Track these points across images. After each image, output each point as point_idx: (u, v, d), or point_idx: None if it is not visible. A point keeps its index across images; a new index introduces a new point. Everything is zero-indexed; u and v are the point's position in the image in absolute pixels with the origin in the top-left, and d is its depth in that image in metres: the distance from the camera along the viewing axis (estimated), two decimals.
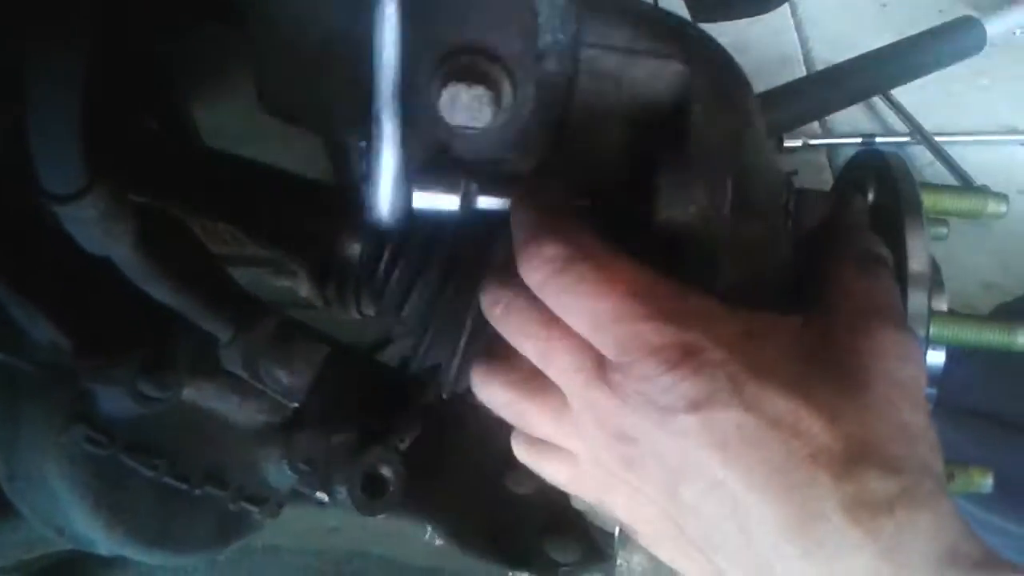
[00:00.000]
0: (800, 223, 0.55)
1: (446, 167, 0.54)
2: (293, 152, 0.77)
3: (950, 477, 0.55)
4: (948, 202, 0.58)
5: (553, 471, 0.55)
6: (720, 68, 0.53)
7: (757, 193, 0.52)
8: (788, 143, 1.80)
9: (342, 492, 0.56)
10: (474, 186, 0.54)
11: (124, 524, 0.51)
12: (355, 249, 0.64)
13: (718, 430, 0.44)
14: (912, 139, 1.87)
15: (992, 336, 0.54)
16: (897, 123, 1.91)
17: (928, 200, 0.56)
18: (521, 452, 0.57)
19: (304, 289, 0.68)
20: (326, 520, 0.71)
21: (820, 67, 1.95)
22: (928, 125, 1.86)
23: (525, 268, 0.50)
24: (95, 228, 0.41)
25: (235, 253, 0.66)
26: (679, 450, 0.45)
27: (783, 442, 0.43)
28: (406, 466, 0.60)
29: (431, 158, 0.53)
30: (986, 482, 0.56)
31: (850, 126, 1.89)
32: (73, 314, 0.48)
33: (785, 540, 0.43)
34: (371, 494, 0.57)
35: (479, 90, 0.47)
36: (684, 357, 0.45)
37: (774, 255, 0.53)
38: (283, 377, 0.51)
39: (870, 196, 0.57)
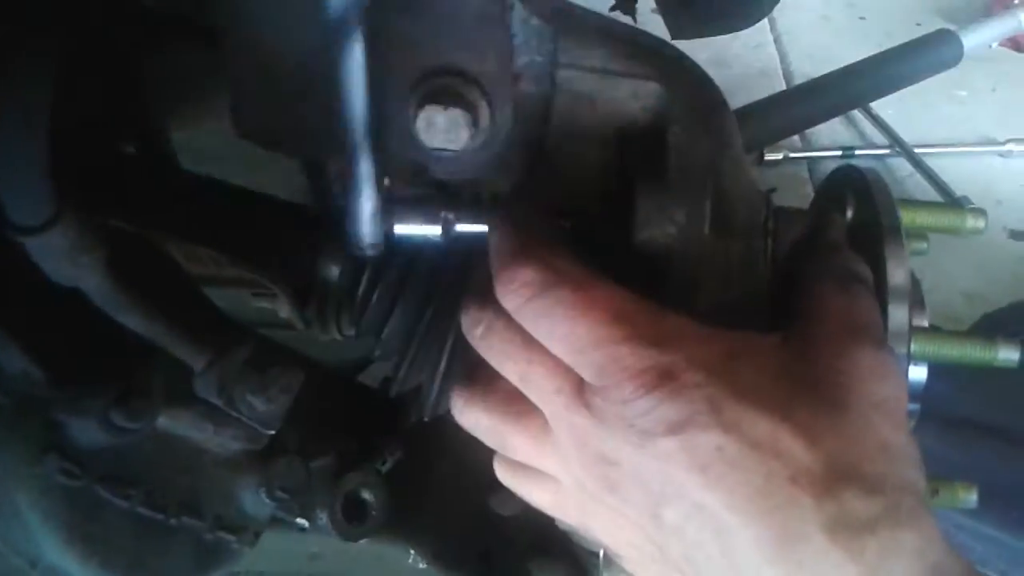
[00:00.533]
0: (779, 242, 0.55)
1: (425, 199, 0.55)
2: (272, 174, 0.77)
3: (934, 492, 0.55)
4: (927, 218, 0.58)
5: (535, 495, 0.55)
6: (697, 88, 0.53)
7: (735, 213, 0.53)
8: (769, 156, 1.81)
9: (323, 517, 0.56)
10: (452, 216, 0.54)
11: (98, 556, 0.50)
12: (335, 271, 0.63)
13: (698, 453, 0.44)
14: (892, 151, 1.88)
15: (973, 352, 0.54)
16: (877, 135, 1.92)
17: (907, 216, 0.56)
18: (503, 476, 0.56)
19: (284, 310, 0.68)
20: (307, 546, 0.70)
21: (799, 81, 1.97)
22: (907, 137, 1.88)
23: (502, 293, 0.49)
24: (63, 259, 0.41)
25: (215, 275, 0.65)
26: (660, 473, 0.45)
27: (763, 464, 0.43)
28: (388, 489, 0.59)
29: (409, 181, 0.53)
30: (970, 497, 0.56)
31: (830, 139, 1.90)
32: (45, 344, 0.48)
33: (767, 562, 0.43)
34: (352, 519, 0.57)
35: (455, 112, 0.47)
36: (662, 380, 0.45)
37: (753, 275, 0.53)
38: (259, 404, 0.51)
39: (849, 213, 0.58)
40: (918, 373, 0.55)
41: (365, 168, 0.47)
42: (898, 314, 0.52)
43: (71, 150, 0.39)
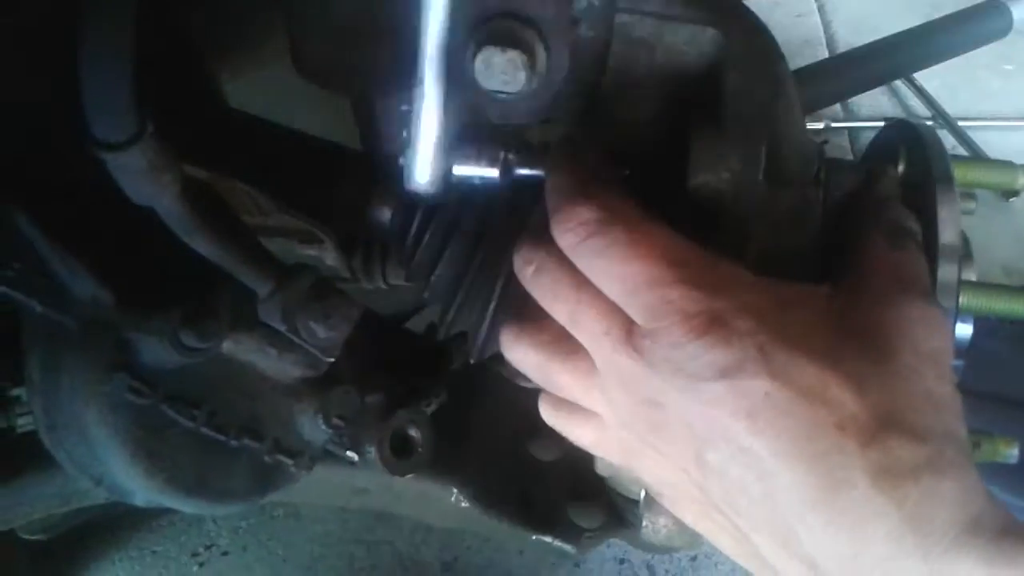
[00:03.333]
0: (830, 193, 0.55)
1: (483, 138, 0.55)
2: (319, 121, 0.77)
3: (976, 446, 0.55)
4: (979, 174, 0.58)
5: (579, 433, 0.56)
6: (754, 35, 0.53)
7: (789, 162, 0.53)
8: (810, 125, 1.79)
9: (371, 452, 0.57)
10: (513, 156, 0.54)
11: (163, 472, 0.52)
12: (384, 215, 0.64)
13: (746, 398, 0.44)
14: (934, 123, 1.85)
15: (1021, 306, 0.54)
16: (920, 107, 1.89)
17: (959, 173, 0.56)
18: (548, 414, 0.57)
19: (330, 258, 0.69)
20: (355, 481, 0.72)
21: (843, 49, 1.94)
22: (951, 110, 1.84)
23: (558, 231, 0.50)
24: (143, 177, 0.42)
25: (260, 224, 0.66)
26: (706, 417, 0.45)
27: (810, 410, 0.44)
28: (433, 429, 0.60)
29: (465, 124, 0.54)
30: (1011, 452, 0.56)
31: (872, 109, 1.88)
32: (114, 268, 0.49)
33: (810, 507, 0.43)
34: (399, 455, 0.58)
35: (513, 55, 0.47)
36: (713, 325, 0.45)
37: (804, 224, 0.54)
38: (320, 331, 0.52)
39: (900, 167, 0.58)
40: (964, 330, 0.55)
41: (433, 100, 0.48)
42: (947, 268, 0.52)
43: (144, 77, 0.40)
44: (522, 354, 0.55)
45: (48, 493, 0.62)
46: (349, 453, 0.57)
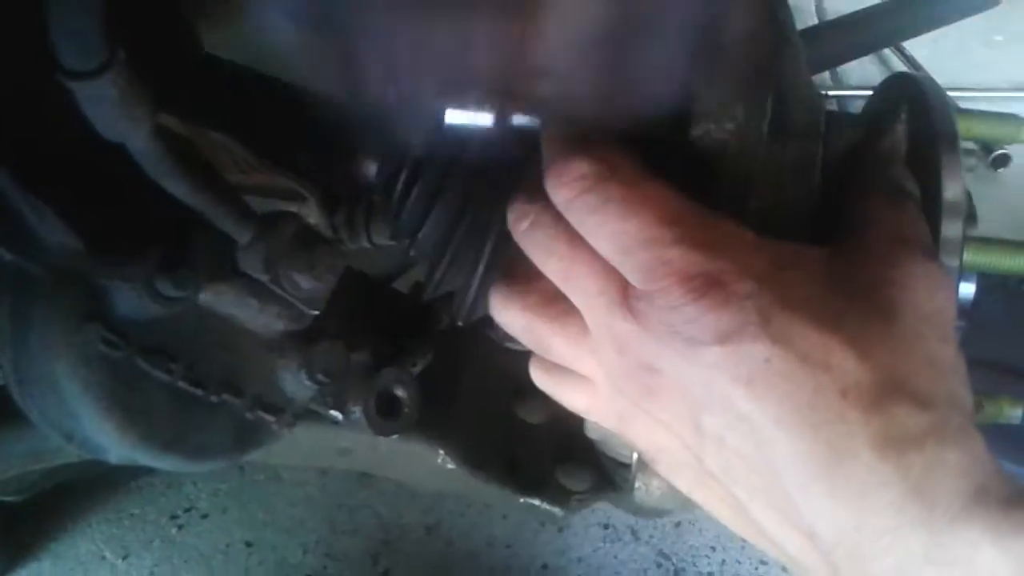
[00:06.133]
0: (829, 147, 0.54)
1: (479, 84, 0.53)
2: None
3: (979, 407, 0.54)
4: (982, 128, 0.57)
5: (571, 398, 0.54)
6: None
7: (795, 113, 0.51)
8: None
9: (356, 411, 0.55)
10: (508, 102, 0.52)
11: (138, 427, 0.50)
12: (369, 169, 0.62)
13: (745, 363, 0.43)
14: None
15: None
16: None
17: (962, 126, 0.54)
18: (539, 378, 0.56)
19: (313, 216, 0.67)
20: (339, 442, 0.71)
21: (832, 17, 1.93)
22: (940, 79, 1.82)
23: (553, 185, 0.48)
24: (114, 109, 0.40)
25: (240, 182, 0.64)
26: (703, 382, 0.44)
27: (812, 377, 0.42)
28: (419, 389, 0.59)
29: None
30: (1015, 413, 0.55)
31: (861, 78, 1.86)
32: (84, 212, 0.47)
33: (811, 477, 0.42)
34: (385, 414, 0.57)
35: None
36: (712, 287, 0.44)
37: (806, 180, 0.52)
38: (304, 282, 0.50)
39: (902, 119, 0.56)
40: (967, 289, 0.54)
41: None
42: (952, 225, 0.51)
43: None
44: (511, 316, 0.53)
45: (19, 450, 0.60)
46: (333, 412, 0.56)
